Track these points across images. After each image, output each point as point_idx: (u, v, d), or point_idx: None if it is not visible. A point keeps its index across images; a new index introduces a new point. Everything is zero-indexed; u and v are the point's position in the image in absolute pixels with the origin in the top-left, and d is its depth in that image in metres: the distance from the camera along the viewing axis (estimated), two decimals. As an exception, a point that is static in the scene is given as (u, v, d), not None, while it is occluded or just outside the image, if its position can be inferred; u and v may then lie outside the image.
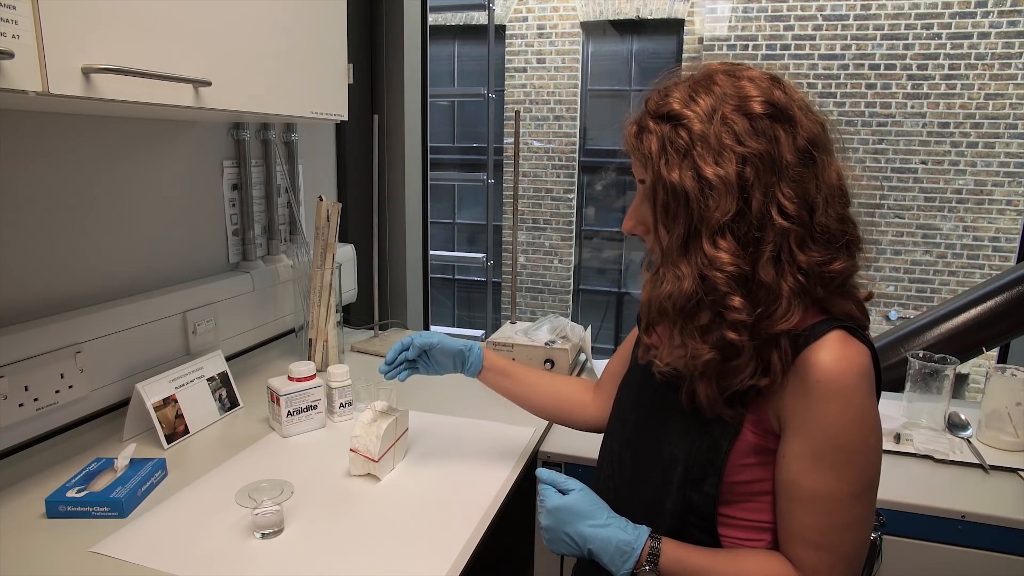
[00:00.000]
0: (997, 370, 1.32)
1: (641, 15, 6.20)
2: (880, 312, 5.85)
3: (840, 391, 0.70)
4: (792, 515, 0.75)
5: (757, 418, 0.76)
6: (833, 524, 0.72)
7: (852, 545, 0.74)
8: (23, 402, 1.04)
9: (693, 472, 0.78)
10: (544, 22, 6.43)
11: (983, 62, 5.31)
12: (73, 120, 1.15)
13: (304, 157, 1.76)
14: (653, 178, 0.74)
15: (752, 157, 0.69)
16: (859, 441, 0.71)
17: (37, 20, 0.73)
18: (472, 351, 1.10)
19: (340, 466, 1.10)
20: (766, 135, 0.70)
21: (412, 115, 2.08)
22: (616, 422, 0.94)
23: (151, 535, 0.92)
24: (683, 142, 0.71)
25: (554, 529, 0.81)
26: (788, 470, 0.74)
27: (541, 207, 6.72)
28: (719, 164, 0.69)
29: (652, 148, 0.73)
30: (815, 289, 0.72)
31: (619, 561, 0.77)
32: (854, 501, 0.72)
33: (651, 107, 0.76)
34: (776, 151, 0.70)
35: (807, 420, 0.72)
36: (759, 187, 0.70)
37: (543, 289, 6.85)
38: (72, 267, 1.18)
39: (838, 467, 0.71)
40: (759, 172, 0.70)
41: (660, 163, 0.73)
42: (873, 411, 0.72)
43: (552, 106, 6.50)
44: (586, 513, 0.80)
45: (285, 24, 1.16)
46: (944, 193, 5.56)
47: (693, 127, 0.71)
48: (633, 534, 0.78)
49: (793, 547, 0.75)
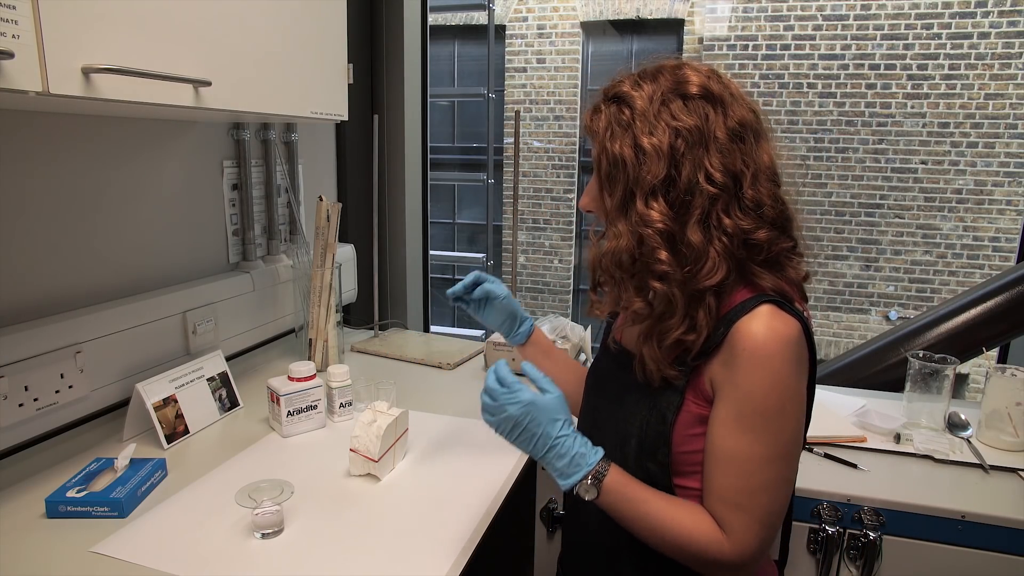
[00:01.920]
0: (997, 370, 1.32)
1: (641, 15, 6.20)
2: (880, 312, 5.86)
3: (763, 358, 0.76)
4: (713, 475, 0.80)
5: (696, 388, 0.81)
6: (749, 486, 0.77)
7: (766, 508, 0.78)
8: (23, 402, 1.04)
9: (646, 444, 0.84)
10: (544, 22, 6.43)
11: (983, 62, 5.31)
12: (73, 120, 1.15)
13: (304, 157, 1.76)
14: (599, 150, 0.83)
15: (683, 131, 0.78)
16: (777, 406, 0.76)
17: (37, 20, 0.73)
18: (527, 321, 1.16)
19: (340, 466, 1.10)
20: (698, 113, 0.79)
21: (412, 115, 2.08)
22: (585, 406, 1.01)
23: (151, 535, 0.92)
24: (625, 118, 0.81)
25: (519, 421, 0.83)
26: (713, 432, 0.80)
27: (541, 207, 6.71)
28: (653, 135, 0.78)
29: (600, 125, 0.83)
30: (739, 251, 0.79)
31: (570, 471, 0.81)
32: (769, 464, 0.77)
33: (604, 91, 0.86)
34: (706, 127, 0.78)
35: (733, 386, 0.78)
36: (689, 157, 0.78)
37: (543, 289, 6.85)
38: (72, 267, 1.18)
39: (755, 430, 0.77)
40: (689, 144, 0.78)
41: (606, 136, 0.82)
42: (794, 379, 0.77)
43: (552, 106, 6.49)
44: (559, 418, 0.83)
45: (285, 24, 1.16)
46: (944, 193, 5.55)
47: (635, 105, 0.80)
48: (591, 450, 0.83)
49: (712, 504, 0.80)
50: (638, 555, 0.87)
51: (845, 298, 5.90)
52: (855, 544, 1.15)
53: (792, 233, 0.83)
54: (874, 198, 5.68)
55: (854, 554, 1.16)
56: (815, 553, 1.18)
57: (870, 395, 1.56)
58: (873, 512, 1.13)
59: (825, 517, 1.16)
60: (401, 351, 1.72)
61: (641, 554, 0.86)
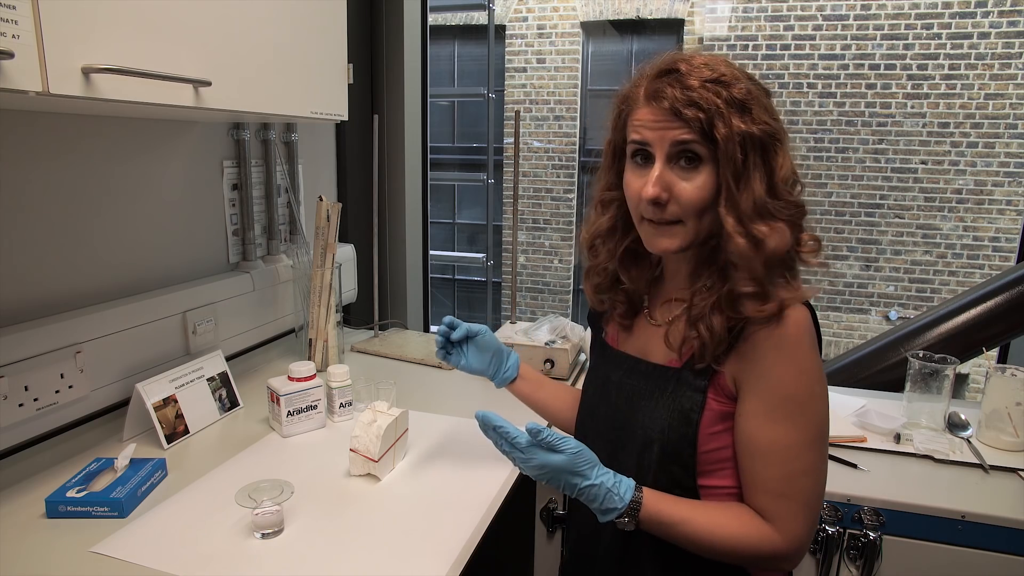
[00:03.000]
0: (997, 370, 1.32)
1: (641, 15, 6.19)
2: (880, 312, 5.86)
3: (787, 347, 0.76)
4: (753, 468, 0.79)
5: (717, 386, 0.81)
6: (792, 472, 0.77)
7: (811, 491, 0.79)
8: (23, 402, 1.04)
9: (669, 448, 0.82)
10: (544, 22, 6.43)
11: (983, 62, 5.31)
12: (73, 120, 1.15)
13: (304, 157, 1.76)
14: (724, 135, 0.74)
15: (779, 125, 0.79)
16: (807, 391, 0.77)
17: (37, 20, 0.73)
18: (512, 354, 1.10)
19: (340, 466, 1.10)
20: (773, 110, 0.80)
21: (412, 115, 2.08)
22: (586, 417, 0.97)
23: (151, 535, 0.92)
24: (742, 99, 0.75)
25: (540, 477, 0.82)
26: (746, 426, 0.79)
27: (541, 207, 6.71)
28: (773, 117, 0.77)
29: (717, 104, 0.75)
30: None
31: (603, 509, 0.80)
32: (808, 448, 0.78)
33: (692, 71, 0.76)
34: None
35: (759, 378, 0.77)
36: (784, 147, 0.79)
37: (543, 289, 6.85)
38: (72, 267, 1.18)
39: (792, 417, 0.77)
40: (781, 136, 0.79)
41: (732, 118, 0.75)
42: (817, 362, 0.79)
43: (552, 106, 6.49)
44: (577, 472, 0.80)
45: (285, 24, 1.16)
46: (944, 193, 5.55)
47: (750, 89, 0.77)
48: (621, 487, 0.80)
49: (756, 498, 0.80)
50: (660, 559, 0.85)
51: (845, 298, 5.90)
52: (855, 544, 1.15)
53: None
54: (874, 198, 5.68)
55: (854, 554, 1.16)
56: (815, 553, 1.18)
57: (870, 395, 1.56)
58: (873, 512, 1.13)
59: (825, 517, 1.16)
60: (401, 351, 1.72)
61: (663, 557, 0.84)
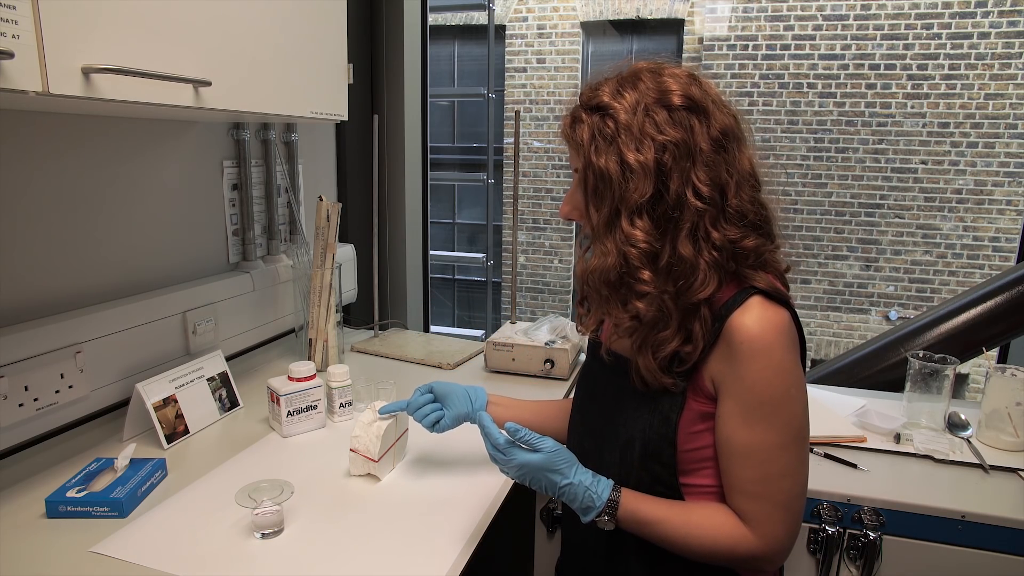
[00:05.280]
0: (997, 370, 1.32)
1: (641, 15, 6.20)
2: (880, 312, 5.86)
3: (761, 349, 0.77)
4: (731, 470, 0.81)
5: (696, 387, 0.82)
6: (768, 474, 0.79)
7: (788, 493, 0.79)
8: (23, 402, 1.04)
9: (650, 447, 0.84)
10: (544, 22, 6.43)
11: (983, 62, 5.31)
12: (73, 120, 1.15)
13: (304, 157, 1.76)
14: (584, 164, 0.82)
15: (670, 144, 0.77)
16: (782, 393, 0.77)
17: (37, 20, 0.73)
18: (478, 390, 1.10)
19: (340, 466, 1.10)
20: (683, 125, 0.78)
21: (412, 115, 2.08)
22: (576, 415, 1.00)
23: (151, 535, 0.92)
24: (610, 131, 0.79)
25: (522, 477, 0.87)
26: (723, 428, 0.81)
27: (541, 207, 6.71)
28: (640, 151, 0.77)
29: (584, 136, 0.81)
30: (728, 263, 0.79)
31: (583, 508, 0.83)
32: (785, 450, 0.79)
33: (584, 100, 0.84)
34: (692, 139, 0.78)
35: (735, 380, 0.78)
36: (676, 171, 0.77)
37: (543, 289, 6.85)
38: (72, 267, 1.18)
39: (766, 419, 0.78)
40: (676, 158, 0.77)
41: (591, 150, 0.80)
42: (794, 365, 0.79)
43: (552, 106, 6.49)
44: (556, 471, 0.84)
45: (285, 24, 1.16)
46: (944, 193, 5.55)
47: (619, 117, 0.78)
48: (599, 487, 0.84)
49: (735, 499, 0.81)
50: (645, 554, 0.87)
51: (845, 298, 5.90)
52: (855, 544, 1.15)
53: (772, 232, 0.84)
54: (874, 198, 5.68)
55: (854, 554, 1.16)
56: (815, 553, 1.18)
57: (870, 395, 1.56)
58: (873, 512, 1.13)
59: (825, 517, 1.16)
60: (401, 351, 1.72)
61: (648, 553, 0.86)
